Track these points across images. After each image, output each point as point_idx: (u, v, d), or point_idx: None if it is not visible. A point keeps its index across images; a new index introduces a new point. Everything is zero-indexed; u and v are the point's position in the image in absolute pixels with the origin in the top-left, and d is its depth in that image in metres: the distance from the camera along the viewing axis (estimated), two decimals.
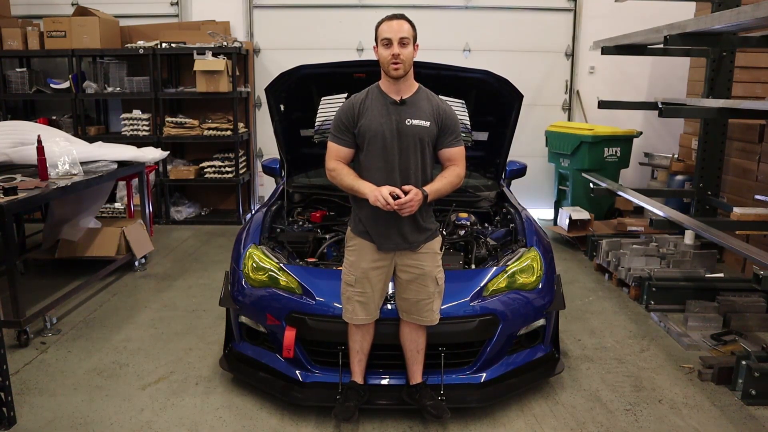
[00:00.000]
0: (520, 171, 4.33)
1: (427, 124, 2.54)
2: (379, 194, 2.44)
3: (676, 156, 6.07)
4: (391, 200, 2.43)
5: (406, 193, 2.47)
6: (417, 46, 2.52)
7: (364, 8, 6.59)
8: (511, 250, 3.20)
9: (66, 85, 6.45)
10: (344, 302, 2.69)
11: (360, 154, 2.61)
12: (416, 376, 2.76)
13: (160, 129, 6.42)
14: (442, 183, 2.58)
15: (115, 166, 4.50)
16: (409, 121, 2.52)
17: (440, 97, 2.69)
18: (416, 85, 2.61)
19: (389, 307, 2.77)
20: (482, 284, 2.88)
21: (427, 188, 2.54)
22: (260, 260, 3.00)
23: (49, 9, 6.85)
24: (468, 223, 3.61)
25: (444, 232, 3.50)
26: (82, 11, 6.42)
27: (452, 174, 2.61)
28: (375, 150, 2.54)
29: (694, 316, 3.85)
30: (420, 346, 2.73)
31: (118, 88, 6.51)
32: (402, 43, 2.44)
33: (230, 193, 6.97)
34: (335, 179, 2.62)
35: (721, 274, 4.50)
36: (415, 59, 2.55)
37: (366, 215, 2.61)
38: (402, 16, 2.50)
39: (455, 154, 2.63)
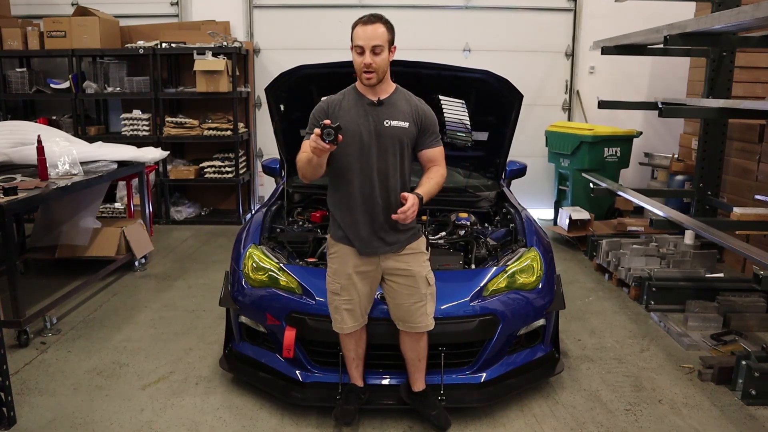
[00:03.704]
0: (520, 171, 4.33)
1: (406, 125, 2.48)
2: (313, 138, 2.20)
3: (676, 156, 6.07)
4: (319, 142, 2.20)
5: (404, 202, 2.38)
6: (394, 48, 2.43)
7: (363, 8, 6.57)
8: (511, 250, 3.20)
9: (66, 85, 6.45)
10: (332, 312, 2.63)
11: (335, 157, 2.47)
12: (419, 384, 2.74)
13: (160, 129, 6.42)
14: (431, 184, 2.53)
15: (115, 166, 4.50)
16: (387, 122, 2.46)
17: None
18: (393, 85, 2.53)
19: (385, 307, 2.76)
20: (482, 284, 2.88)
21: (420, 191, 2.47)
22: (260, 260, 3.00)
23: (49, 9, 6.85)
24: (468, 223, 3.62)
25: (444, 233, 3.51)
26: (82, 11, 6.42)
27: (437, 174, 2.56)
28: (352, 152, 2.46)
29: (694, 316, 3.85)
30: (421, 354, 2.69)
31: (118, 88, 6.51)
32: (375, 51, 2.34)
33: (230, 193, 6.97)
34: (300, 168, 2.45)
35: (721, 274, 4.50)
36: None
37: (343, 218, 2.55)
38: (378, 19, 2.38)
39: (436, 155, 2.58)
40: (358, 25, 2.38)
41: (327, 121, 2.19)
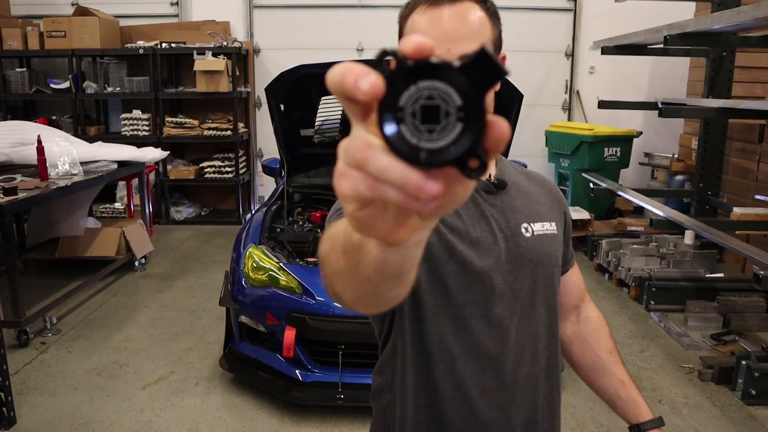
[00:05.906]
0: None
1: (554, 227, 1.12)
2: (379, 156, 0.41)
3: (676, 156, 6.08)
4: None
5: None
6: (503, 57, 1.02)
7: (364, 8, 6.58)
8: None
9: (66, 85, 6.45)
10: None
11: (411, 316, 1.06)
12: None
13: (160, 129, 6.42)
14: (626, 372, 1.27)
15: (115, 166, 4.50)
16: (526, 229, 1.07)
17: None
18: None
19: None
20: None
21: (644, 407, 1.22)
22: (260, 260, 3.01)
23: (49, 9, 6.85)
24: None
25: None
26: (82, 11, 6.42)
27: (610, 339, 1.34)
28: (460, 306, 1.02)
29: (694, 316, 3.85)
30: None
31: (118, 88, 6.51)
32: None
33: (230, 193, 6.97)
34: (332, 257, 0.62)
35: (721, 274, 4.50)
36: None
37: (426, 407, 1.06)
38: None
39: (580, 279, 1.32)
40: (419, 6, 0.99)
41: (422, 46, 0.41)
